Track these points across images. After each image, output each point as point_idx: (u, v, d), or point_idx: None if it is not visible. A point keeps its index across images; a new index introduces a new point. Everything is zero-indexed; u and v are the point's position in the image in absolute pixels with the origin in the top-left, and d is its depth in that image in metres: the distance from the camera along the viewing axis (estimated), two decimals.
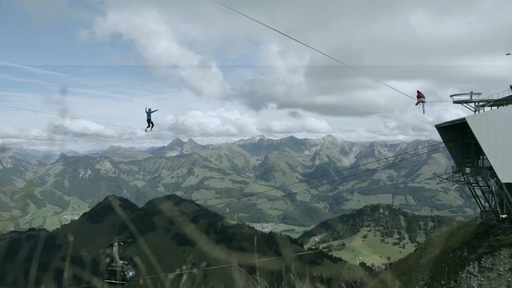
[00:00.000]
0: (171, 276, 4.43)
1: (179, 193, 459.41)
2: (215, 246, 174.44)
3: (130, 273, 20.67)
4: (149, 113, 27.26)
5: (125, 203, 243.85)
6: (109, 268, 20.91)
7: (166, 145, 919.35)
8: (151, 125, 27.76)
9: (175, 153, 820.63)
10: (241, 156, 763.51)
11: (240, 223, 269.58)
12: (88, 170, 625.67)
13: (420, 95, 34.12)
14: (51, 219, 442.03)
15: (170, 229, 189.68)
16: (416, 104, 34.07)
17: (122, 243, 21.89)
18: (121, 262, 21.02)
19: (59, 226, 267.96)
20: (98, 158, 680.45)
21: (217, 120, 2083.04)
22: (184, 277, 4.48)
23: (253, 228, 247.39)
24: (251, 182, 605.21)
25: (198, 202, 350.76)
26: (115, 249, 21.29)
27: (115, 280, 20.19)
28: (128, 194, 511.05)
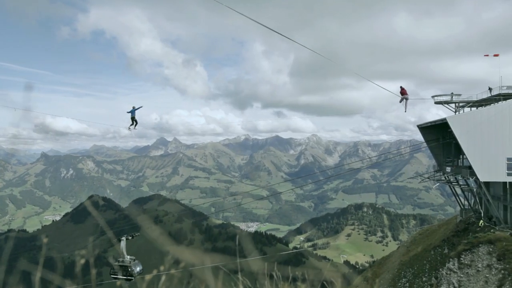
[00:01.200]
0: (148, 277, 4.39)
1: (163, 193, 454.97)
2: (200, 246, 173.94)
3: (138, 268, 20.24)
4: (133, 111, 26.82)
5: (109, 203, 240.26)
6: (116, 263, 20.44)
7: (150, 144, 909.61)
8: (135, 123, 27.33)
9: (160, 152, 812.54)
10: (226, 155, 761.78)
11: (225, 222, 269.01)
12: (70, 169, 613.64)
13: (403, 91, 34.64)
14: (32, 220, 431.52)
15: (154, 229, 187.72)
16: (400, 102, 34.63)
17: (130, 238, 21.44)
18: (128, 257, 20.59)
19: (39, 227, 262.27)
20: (80, 157, 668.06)
21: (202, 119, 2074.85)
22: (163, 278, 4.46)
23: (238, 227, 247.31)
24: (236, 182, 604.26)
25: (183, 202, 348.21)
26: (123, 243, 20.82)
27: (122, 275, 19.75)
28: (111, 194, 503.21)
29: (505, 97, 36.29)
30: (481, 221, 36.34)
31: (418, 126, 47.56)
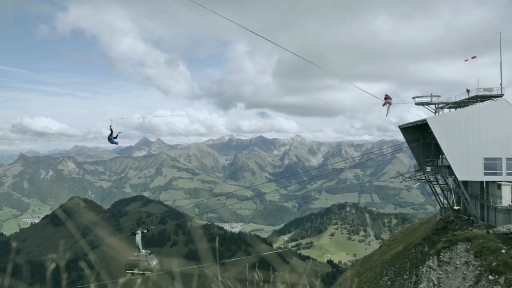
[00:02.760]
0: (122, 280, 4.35)
1: (146, 194, 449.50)
2: (184, 247, 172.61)
3: (154, 262, 19.75)
4: (112, 139, 25.25)
5: (90, 205, 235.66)
6: (132, 257, 19.87)
7: (133, 144, 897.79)
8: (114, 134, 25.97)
9: (143, 153, 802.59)
10: (210, 156, 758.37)
11: (209, 223, 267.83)
12: (50, 170, 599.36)
13: (387, 97, 35.29)
14: (9, 223, 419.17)
15: (137, 231, 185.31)
16: (383, 105, 35.22)
17: (145, 231, 20.90)
18: (143, 251, 20.04)
19: (17, 230, 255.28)
20: (60, 158, 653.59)
21: (185, 119, 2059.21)
22: (139, 281, 4.44)
23: (222, 228, 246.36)
24: (220, 182, 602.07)
25: (166, 203, 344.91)
26: (138, 237, 20.22)
27: (138, 270, 19.21)
28: (93, 196, 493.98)
29: (482, 98, 37.34)
30: (457, 207, 37.56)
31: (399, 126, 48.45)
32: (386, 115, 34.64)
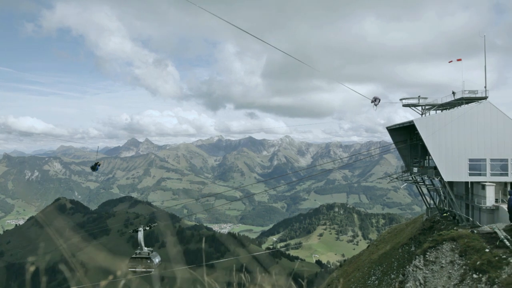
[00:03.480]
0: (103, 283, 4.33)
1: (134, 195, 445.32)
2: (172, 248, 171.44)
3: (156, 260, 19.36)
4: (96, 168, 25.53)
5: (77, 206, 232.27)
6: (134, 256, 19.44)
7: (121, 145, 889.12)
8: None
9: (131, 153, 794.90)
10: (199, 156, 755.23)
11: (198, 224, 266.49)
12: (35, 171, 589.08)
13: (376, 97, 35.80)
14: None
15: (125, 232, 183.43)
16: (372, 102, 35.59)
17: (147, 228, 20.51)
18: (146, 248, 19.62)
19: (1, 232, 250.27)
20: (46, 159, 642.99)
21: (174, 119, 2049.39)
22: (121, 283, 4.41)
23: (211, 229, 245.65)
24: (209, 183, 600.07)
25: (154, 204, 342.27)
26: (141, 234, 19.80)
27: (141, 268, 18.79)
28: (80, 197, 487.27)
29: (467, 101, 38.04)
30: (446, 213, 38.26)
31: (387, 128, 49.00)
32: (375, 109, 35.02)
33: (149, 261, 18.81)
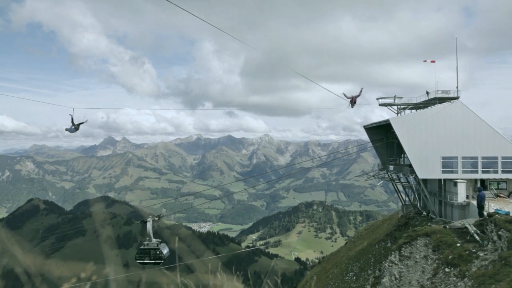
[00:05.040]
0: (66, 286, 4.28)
1: (111, 195, 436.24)
2: None
3: (165, 251, 18.86)
4: (72, 128, 23.29)
5: (51, 207, 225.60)
6: (142, 247, 18.87)
7: (97, 143, 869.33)
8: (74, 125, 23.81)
9: (108, 152, 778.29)
10: (178, 155, 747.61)
11: (177, 223, 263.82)
12: (6, 171, 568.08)
13: (354, 96, 36.37)
14: None
15: (101, 233, 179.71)
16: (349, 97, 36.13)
17: (156, 218, 19.87)
18: (154, 240, 19.07)
19: None
20: (18, 158, 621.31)
21: (152, 118, 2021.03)
22: (88, 285, 4.36)
23: (190, 228, 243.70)
24: (188, 182, 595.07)
25: (132, 203, 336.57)
26: (149, 225, 19.19)
27: (150, 259, 18.26)
28: (54, 197, 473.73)
29: (440, 100, 39.28)
30: (423, 212, 39.44)
31: (364, 126, 49.94)
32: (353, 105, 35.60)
33: (158, 252, 18.54)
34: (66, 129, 23.20)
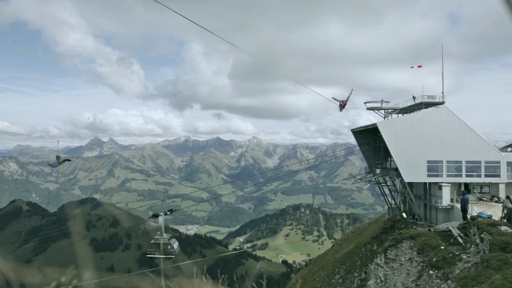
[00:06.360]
0: None
1: (97, 196, 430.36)
2: (137, 251, 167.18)
3: (175, 246, 18.58)
4: (55, 163, 23.25)
5: (34, 208, 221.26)
6: (152, 241, 18.57)
7: (83, 144, 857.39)
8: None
9: (94, 153, 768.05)
10: (166, 157, 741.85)
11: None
12: None
13: (343, 101, 36.92)
14: None
15: (87, 235, 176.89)
16: (339, 101, 36.61)
17: (168, 212, 19.56)
18: (165, 234, 18.80)
19: None
20: (1, 159, 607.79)
21: (139, 119, 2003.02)
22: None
23: (177, 230, 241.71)
24: (175, 184, 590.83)
25: (118, 205, 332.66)
26: (161, 219, 18.85)
27: (160, 254, 17.97)
28: (37, 198, 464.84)
29: (426, 105, 39.94)
30: (404, 213, 39.89)
31: (351, 130, 50.40)
32: (341, 110, 36.00)
33: (169, 247, 18.38)
34: (48, 164, 23.36)
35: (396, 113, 45.14)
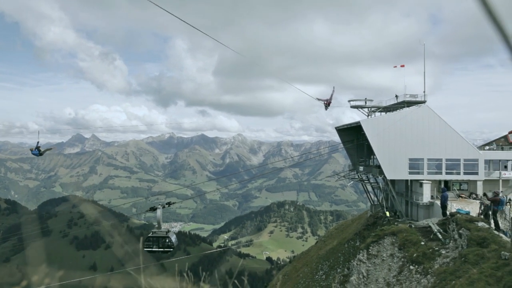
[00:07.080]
0: None
1: (79, 194, 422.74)
2: (120, 249, 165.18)
3: (173, 239, 18.18)
4: (37, 152, 22.98)
5: (13, 206, 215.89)
6: (150, 235, 18.12)
7: (64, 141, 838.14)
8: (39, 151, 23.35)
9: (75, 149, 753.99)
10: (150, 153, 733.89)
11: (147, 223, 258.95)
12: None
13: (328, 100, 37.13)
14: None
15: (68, 233, 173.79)
16: (323, 100, 36.80)
17: (166, 205, 19.14)
18: (163, 228, 18.36)
19: None
20: None
21: (122, 115, 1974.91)
22: None
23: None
24: (159, 181, 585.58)
25: (101, 203, 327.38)
26: (159, 212, 18.42)
27: (158, 248, 17.54)
28: (16, 196, 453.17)
29: (408, 104, 40.66)
30: (387, 212, 40.60)
31: (335, 128, 50.92)
32: (326, 108, 36.21)
33: (167, 240, 18.08)
34: (31, 150, 23.07)
35: (379, 112, 45.77)
